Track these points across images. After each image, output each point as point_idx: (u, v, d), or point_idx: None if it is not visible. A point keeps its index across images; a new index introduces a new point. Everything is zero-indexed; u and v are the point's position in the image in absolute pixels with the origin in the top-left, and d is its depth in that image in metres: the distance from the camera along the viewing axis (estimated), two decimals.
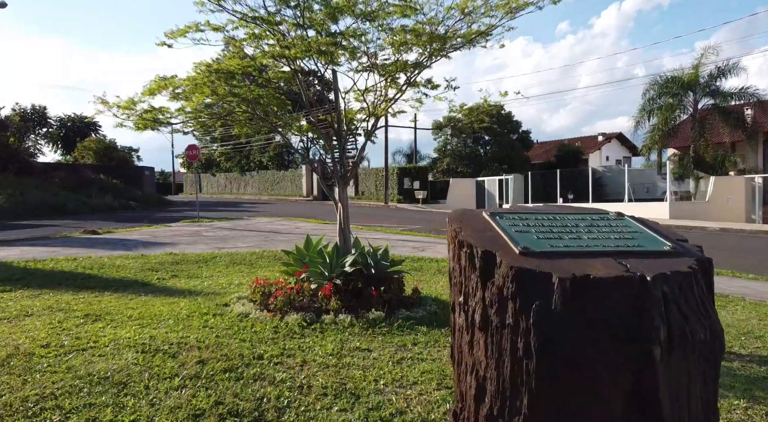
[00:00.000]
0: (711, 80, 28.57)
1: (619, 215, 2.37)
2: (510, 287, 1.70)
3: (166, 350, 4.08)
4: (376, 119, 5.98)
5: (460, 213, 2.24)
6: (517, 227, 2.09)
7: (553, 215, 2.27)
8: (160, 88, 5.46)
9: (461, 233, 1.95)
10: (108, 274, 7.82)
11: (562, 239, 2.01)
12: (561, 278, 1.62)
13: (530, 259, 1.77)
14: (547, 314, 1.62)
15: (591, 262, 1.76)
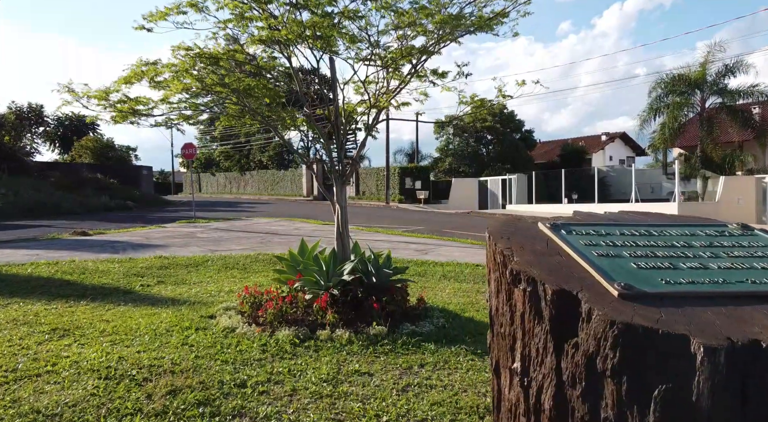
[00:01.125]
0: (718, 78, 28.00)
1: (746, 229, 1.77)
2: (610, 356, 1.11)
3: (133, 375, 3.52)
4: (377, 112, 5.41)
5: (506, 225, 1.64)
6: (598, 247, 1.48)
7: (646, 228, 1.66)
8: (137, 76, 4.89)
9: (514, 259, 1.36)
10: (88, 280, 7.27)
11: (680, 270, 1.40)
12: (709, 346, 1.03)
13: (641, 307, 1.16)
14: (681, 408, 1.04)
15: (748, 312, 1.17)
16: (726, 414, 1.05)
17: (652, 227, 1.68)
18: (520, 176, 32.87)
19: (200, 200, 45.02)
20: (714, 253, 1.55)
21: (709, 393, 1.04)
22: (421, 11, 4.38)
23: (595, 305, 1.17)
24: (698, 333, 1.07)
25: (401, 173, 39.38)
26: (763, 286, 1.34)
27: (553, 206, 28.91)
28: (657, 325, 1.10)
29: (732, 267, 1.45)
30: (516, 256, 1.38)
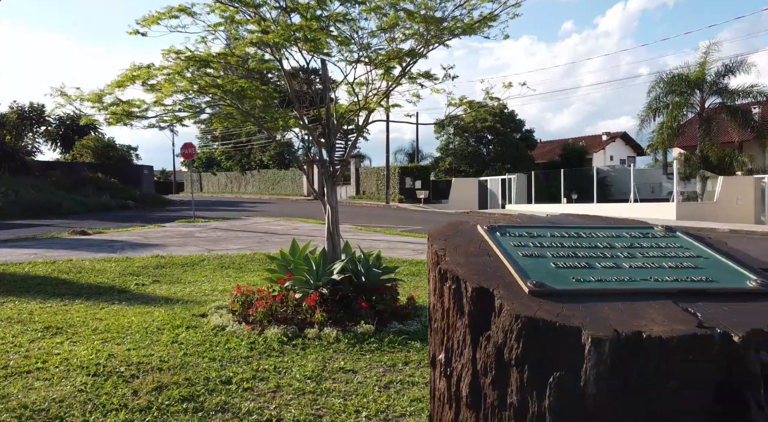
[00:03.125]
0: (718, 78, 28.00)
1: (668, 231, 1.85)
2: (514, 347, 1.19)
3: (122, 372, 3.60)
4: (368, 113, 5.48)
5: (448, 227, 1.73)
6: (525, 248, 1.57)
7: (578, 230, 1.75)
8: (130, 79, 4.97)
9: (445, 258, 1.45)
10: (84, 279, 7.35)
11: (594, 269, 1.48)
12: (596, 337, 1.11)
13: (547, 302, 1.25)
14: (572, 394, 1.12)
15: (642, 308, 1.24)
16: (610, 398, 1.13)
17: (583, 230, 1.76)
18: (519, 176, 32.91)
19: (201, 199, 45.15)
20: (631, 253, 1.62)
21: (595, 380, 1.12)
22: (404, 12, 4.44)
23: (507, 301, 1.25)
24: (590, 326, 1.15)
25: (401, 172, 39.45)
26: (664, 284, 1.41)
27: (552, 206, 28.95)
28: (556, 319, 1.18)
29: (642, 266, 1.53)
30: (447, 256, 1.46)
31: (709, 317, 1.20)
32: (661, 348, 1.09)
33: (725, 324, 1.15)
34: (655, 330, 1.12)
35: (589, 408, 1.11)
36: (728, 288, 1.40)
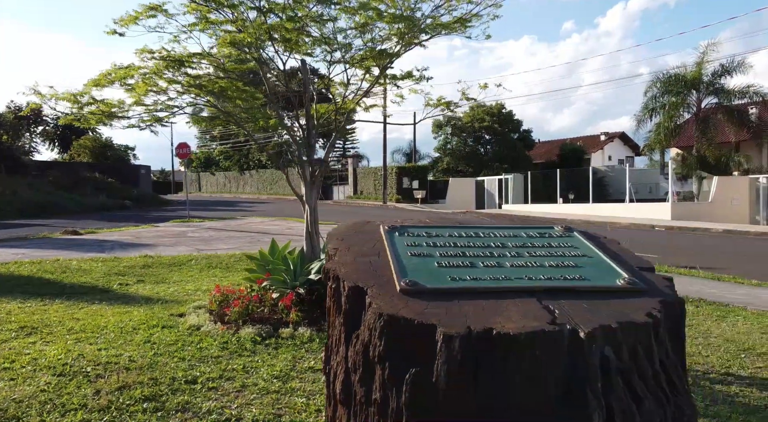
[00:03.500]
0: (715, 78, 27.97)
1: (567, 231, 1.85)
2: (378, 344, 1.21)
3: (88, 372, 3.60)
4: (345, 114, 5.48)
5: (351, 227, 1.74)
6: (417, 248, 1.59)
7: (477, 230, 1.76)
8: (107, 79, 4.97)
9: (334, 258, 1.46)
10: (68, 279, 7.36)
11: (475, 268, 1.50)
12: (447, 334, 1.12)
13: (414, 301, 1.27)
14: (427, 389, 1.13)
15: (504, 306, 1.26)
16: (460, 392, 1.14)
17: (482, 230, 1.77)
18: (516, 176, 32.90)
19: (199, 199, 45.15)
20: (518, 253, 1.64)
21: (446, 375, 1.13)
22: (373, 10, 4.44)
23: (376, 299, 1.27)
24: (445, 324, 1.17)
25: (399, 172, 39.44)
26: (536, 282, 1.43)
27: (548, 206, 28.95)
28: (416, 317, 1.20)
29: (523, 266, 1.54)
30: (337, 256, 1.47)
31: (565, 314, 1.22)
32: (509, 344, 1.11)
33: (578, 321, 1.17)
34: (507, 326, 1.14)
35: (440, 403, 1.12)
36: (597, 286, 1.43)
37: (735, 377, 3.98)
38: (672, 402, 1.16)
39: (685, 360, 1.39)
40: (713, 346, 4.76)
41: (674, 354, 1.26)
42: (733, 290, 7.62)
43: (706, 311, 6.21)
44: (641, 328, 1.19)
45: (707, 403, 3.43)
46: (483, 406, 1.12)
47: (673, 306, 1.31)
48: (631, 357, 1.15)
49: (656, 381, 1.16)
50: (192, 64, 5.46)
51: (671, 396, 1.16)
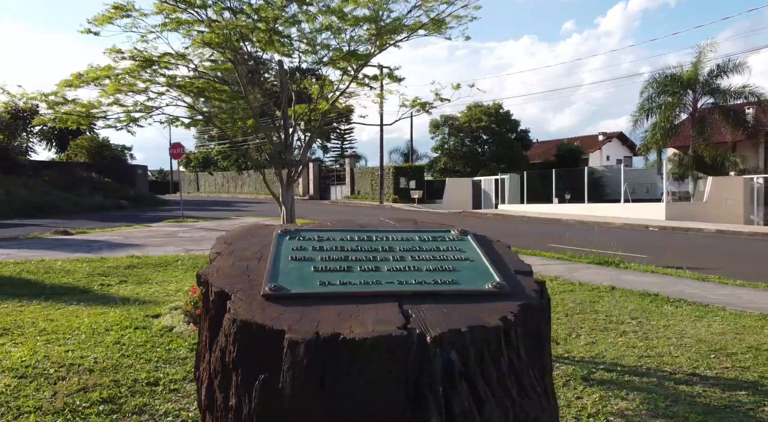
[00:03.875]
0: (711, 78, 27.97)
1: (462, 234, 1.85)
2: (231, 350, 1.21)
3: (50, 374, 3.60)
4: (322, 115, 5.48)
5: (243, 231, 1.74)
6: (301, 252, 1.59)
7: (371, 234, 1.76)
8: (80, 80, 4.97)
9: (213, 262, 1.46)
10: (50, 280, 7.37)
11: (350, 272, 1.50)
12: (293, 340, 1.12)
13: (273, 306, 1.27)
14: (275, 395, 1.13)
15: (362, 310, 1.26)
16: (307, 398, 1.15)
17: (377, 233, 1.77)
18: (512, 176, 32.89)
19: (196, 199, 45.18)
20: (402, 257, 1.64)
21: (291, 381, 1.13)
22: (335, 13, 4.45)
23: (236, 304, 1.27)
24: (295, 329, 1.17)
25: (395, 172, 39.45)
26: (406, 286, 1.44)
27: (543, 206, 28.96)
28: (269, 322, 1.20)
29: (401, 270, 1.55)
30: (217, 260, 1.48)
31: (421, 318, 1.23)
32: (354, 349, 1.11)
33: (430, 325, 1.18)
34: (356, 331, 1.14)
35: (287, 409, 1.12)
36: (464, 290, 1.43)
37: (700, 377, 3.98)
38: (517, 404, 1.16)
39: (550, 361, 1.39)
40: (685, 346, 4.75)
41: (532, 356, 1.26)
42: (715, 290, 7.62)
43: (685, 311, 6.21)
44: (491, 331, 1.19)
45: (668, 404, 3.43)
46: (330, 412, 1.12)
47: (533, 309, 1.31)
48: (477, 361, 1.15)
49: (502, 384, 1.16)
50: (167, 65, 5.46)
51: (517, 398, 1.16)
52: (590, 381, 3.85)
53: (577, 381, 3.85)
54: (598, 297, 6.91)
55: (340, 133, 54.32)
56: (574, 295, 7.04)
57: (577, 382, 3.82)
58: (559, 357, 4.48)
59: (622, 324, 5.58)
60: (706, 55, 27.44)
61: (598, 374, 4.01)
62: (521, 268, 1.58)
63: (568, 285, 7.73)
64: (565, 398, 3.55)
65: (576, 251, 11.73)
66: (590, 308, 6.29)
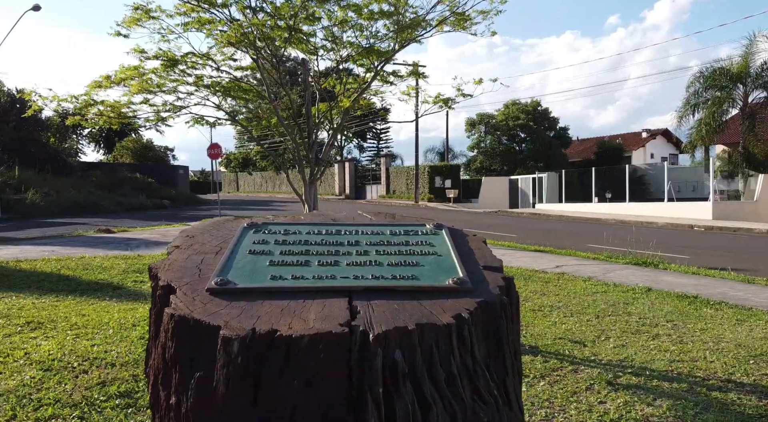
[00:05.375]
0: (764, 71, 26.69)
1: (436, 228, 1.76)
2: (170, 346, 1.17)
3: (75, 367, 3.69)
4: (344, 112, 5.46)
5: (208, 225, 1.71)
6: (261, 245, 1.54)
7: (340, 228, 1.70)
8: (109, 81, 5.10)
9: (170, 256, 1.43)
10: (86, 276, 7.60)
11: (306, 267, 1.44)
12: (227, 336, 1.07)
13: (216, 301, 1.22)
14: (210, 394, 1.08)
15: (308, 306, 1.20)
16: (240, 399, 1.09)
17: (347, 227, 1.69)
18: (550, 175, 32.22)
19: (235, 198, 46.11)
20: (366, 251, 1.56)
21: (225, 380, 1.08)
22: (352, 7, 4.40)
23: (178, 299, 1.23)
24: (231, 326, 1.12)
25: (431, 171, 39.25)
26: (361, 281, 1.37)
27: (582, 205, 28.25)
28: (206, 318, 1.15)
29: (360, 264, 1.48)
30: (173, 253, 1.44)
31: (368, 315, 1.16)
32: (290, 347, 1.05)
33: (375, 322, 1.11)
34: (295, 328, 1.08)
35: (222, 409, 1.07)
36: (422, 286, 1.35)
37: (736, 384, 3.76)
38: (469, 409, 1.08)
39: (515, 363, 1.30)
40: (722, 351, 4.52)
41: (491, 357, 1.18)
42: (761, 293, 7.23)
43: (726, 315, 5.91)
44: (442, 330, 1.12)
45: (697, 411, 3.26)
46: (265, 412, 1.07)
47: (493, 307, 1.23)
48: (425, 362, 1.08)
49: (452, 386, 1.08)
50: (194, 65, 5.54)
51: (470, 402, 1.09)
52: (615, 386, 3.69)
53: (601, 384, 3.70)
54: (632, 299, 6.67)
55: (376, 132, 54.45)
56: (606, 296, 6.81)
57: (601, 386, 3.68)
58: (586, 359, 4.32)
59: (655, 326, 5.36)
60: (757, 46, 26.18)
61: (625, 378, 3.85)
62: (491, 263, 1.49)
63: (602, 286, 7.48)
64: (587, 402, 3.42)
65: (613, 252, 11.37)
66: (623, 310, 6.06)
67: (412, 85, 5.40)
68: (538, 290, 7.20)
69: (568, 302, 6.39)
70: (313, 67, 6.03)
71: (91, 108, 5.02)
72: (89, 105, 5.00)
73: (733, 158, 27.13)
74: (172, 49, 5.14)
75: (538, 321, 5.53)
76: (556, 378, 3.83)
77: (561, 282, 7.75)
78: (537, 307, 6.16)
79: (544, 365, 4.09)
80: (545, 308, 6.10)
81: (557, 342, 4.75)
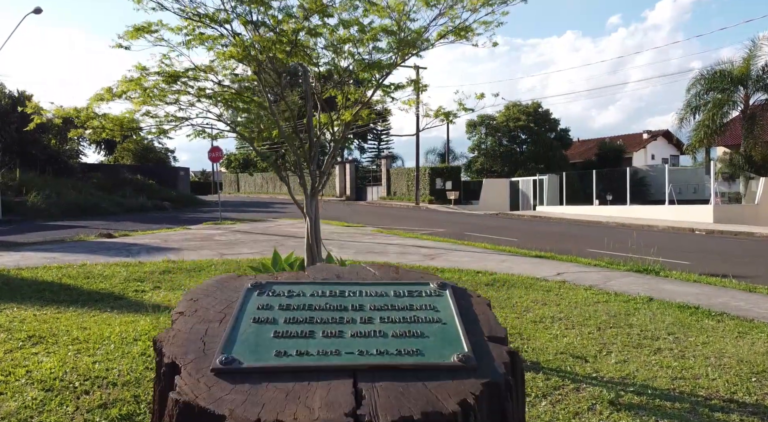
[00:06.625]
0: (764, 73, 26.69)
1: (440, 289, 1.75)
2: None
3: (76, 387, 3.69)
4: (345, 126, 5.46)
5: (211, 285, 1.69)
6: (265, 312, 1.53)
7: (347, 288, 1.68)
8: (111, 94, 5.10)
9: (174, 325, 1.42)
10: (88, 285, 7.60)
11: (311, 339, 1.43)
12: None
13: (221, 384, 1.21)
14: None
15: (313, 390, 1.19)
16: None
17: (351, 287, 1.68)
18: (551, 177, 32.22)
19: (236, 200, 46.13)
20: (371, 318, 1.55)
21: None
22: (357, 27, 4.40)
23: (183, 381, 1.22)
24: (237, 416, 1.11)
25: (431, 173, 39.24)
26: (366, 358, 1.35)
27: (583, 208, 28.26)
28: (211, 405, 1.14)
29: (364, 335, 1.46)
30: (177, 322, 1.43)
31: (374, 400, 1.15)
32: None
33: (382, 411, 1.10)
34: (300, 418, 1.08)
35: None
36: (427, 364, 1.35)
37: (738, 404, 3.76)
38: None
39: None
40: (724, 368, 4.51)
41: None
42: (761, 303, 7.22)
43: (727, 327, 5.90)
44: (447, 418, 1.11)
45: None
46: None
47: (499, 388, 1.22)
48: None
49: None
50: (196, 76, 5.54)
51: None
52: (618, 406, 3.69)
53: (603, 404, 3.70)
54: (633, 309, 6.66)
55: (377, 133, 54.44)
56: (608, 306, 6.81)
57: (603, 406, 3.67)
58: (588, 376, 4.32)
59: (657, 340, 5.35)
60: (760, 49, 26.17)
61: (627, 397, 3.84)
62: (496, 333, 1.49)
63: (603, 295, 7.48)
64: None
65: (615, 257, 11.37)
66: (624, 321, 6.06)
67: (413, 99, 5.40)
68: (539, 299, 7.19)
69: (570, 313, 6.38)
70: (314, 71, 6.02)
71: (93, 121, 5.02)
72: (91, 118, 5.00)
73: (734, 161, 27.14)
74: (174, 64, 5.14)
75: (539, 334, 5.52)
76: (558, 398, 3.83)
77: (562, 291, 7.74)
78: (538, 318, 6.15)
79: (546, 383, 4.09)
80: (546, 320, 6.09)
81: (559, 357, 4.75)
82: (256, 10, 4.51)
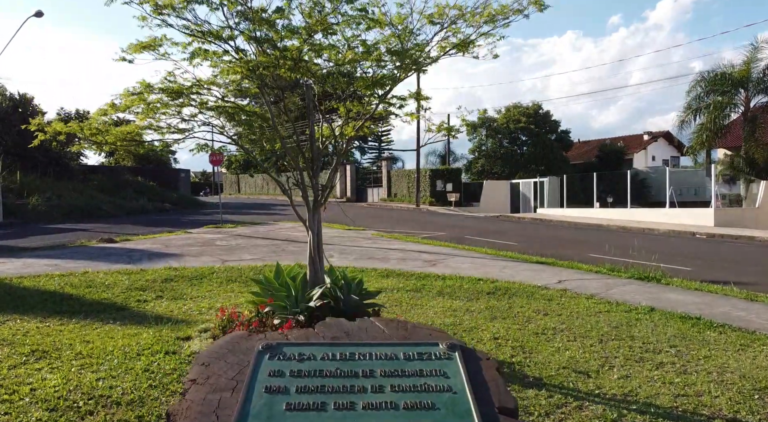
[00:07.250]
0: (765, 76, 26.68)
1: (449, 350, 1.75)
2: None
3: (80, 407, 3.70)
4: (347, 140, 5.47)
5: (222, 346, 1.70)
6: (277, 380, 1.53)
7: (357, 350, 1.68)
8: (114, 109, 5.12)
9: (186, 395, 1.43)
10: (91, 295, 7.61)
11: (323, 412, 1.43)
12: None
13: None
14: None
15: None
16: None
17: (361, 348, 1.68)
18: (552, 179, 32.22)
19: (236, 201, 46.16)
20: (381, 386, 1.55)
21: None
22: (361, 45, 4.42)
23: None
24: None
25: (432, 175, 39.25)
26: None
27: (584, 210, 28.26)
28: None
29: (375, 407, 1.46)
30: (189, 392, 1.44)
31: None
32: None
33: None
34: None
35: None
36: None
37: None
38: None
39: None
40: (726, 384, 4.52)
41: None
42: (762, 313, 7.22)
43: (729, 339, 5.91)
44: None
45: None
46: None
47: None
48: None
49: None
50: (199, 90, 5.56)
51: None
52: None
53: None
54: (635, 320, 6.67)
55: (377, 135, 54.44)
56: (610, 316, 6.81)
57: None
58: (590, 393, 4.33)
59: (659, 353, 5.36)
60: (761, 51, 26.17)
61: (630, 416, 3.85)
62: (506, 403, 1.49)
63: (605, 305, 7.48)
64: None
65: (616, 263, 11.37)
66: (626, 333, 6.06)
67: (414, 113, 5.41)
68: (540, 309, 7.20)
69: (571, 324, 6.39)
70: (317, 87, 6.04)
71: (97, 137, 5.04)
72: (95, 134, 5.02)
73: (734, 163, 27.14)
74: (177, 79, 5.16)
75: (541, 347, 5.53)
76: (561, 416, 3.84)
77: (563, 300, 7.75)
78: (540, 330, 6.15)
79: (549, 400, 4.10)
80: (548, 331, 6.09)
81: (561, 373, 4.75)
82: (261, 30, 4.52)
